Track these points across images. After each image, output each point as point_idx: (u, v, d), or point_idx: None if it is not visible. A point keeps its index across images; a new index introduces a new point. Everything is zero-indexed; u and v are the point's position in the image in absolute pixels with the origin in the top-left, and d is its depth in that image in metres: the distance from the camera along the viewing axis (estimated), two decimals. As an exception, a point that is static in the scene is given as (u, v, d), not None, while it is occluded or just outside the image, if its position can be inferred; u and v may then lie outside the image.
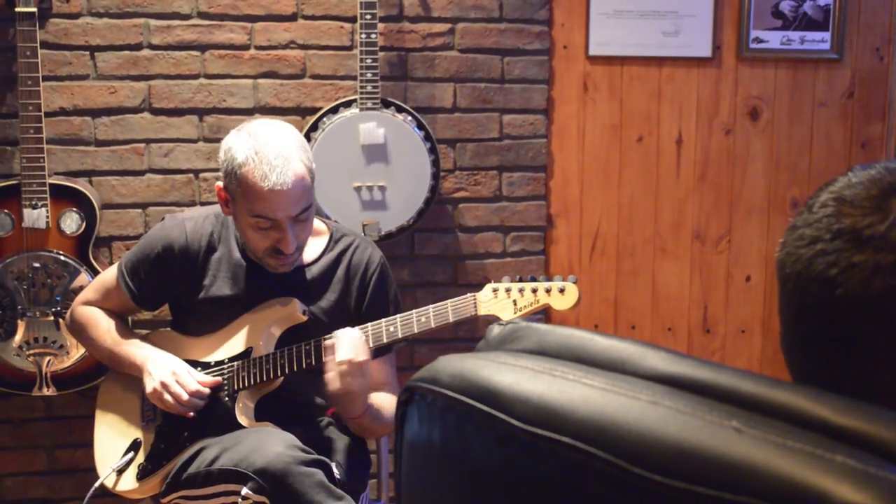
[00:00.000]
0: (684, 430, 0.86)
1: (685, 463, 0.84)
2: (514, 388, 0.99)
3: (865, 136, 3.97)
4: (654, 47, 3.81)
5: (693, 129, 3.88)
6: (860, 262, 1.03)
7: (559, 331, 1.08)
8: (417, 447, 1.11)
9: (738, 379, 0.92)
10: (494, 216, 3.78)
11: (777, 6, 3.82)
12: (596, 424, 0.91)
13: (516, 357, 1.05)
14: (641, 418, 0.89)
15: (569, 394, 0.95)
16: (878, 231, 1.03)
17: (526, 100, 3.76)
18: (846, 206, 1.07)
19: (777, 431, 0.84)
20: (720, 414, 0.87)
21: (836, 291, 1.04)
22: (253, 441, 2.47)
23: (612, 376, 0.97)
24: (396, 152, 3.45)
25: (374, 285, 2.78)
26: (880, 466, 0.79)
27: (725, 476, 0.82)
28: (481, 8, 3.69)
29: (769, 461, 0.81)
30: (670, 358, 0.98)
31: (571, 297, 2.58)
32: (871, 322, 1.04)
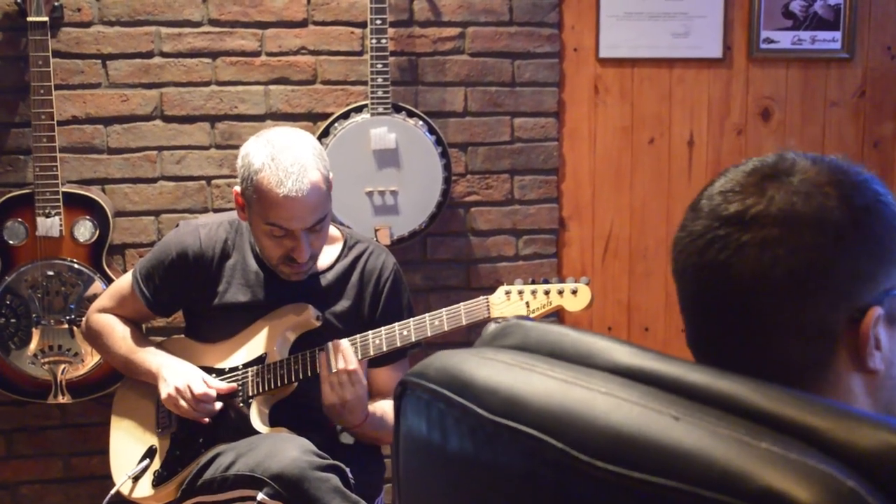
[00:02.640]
0: (628, 418, 0.91)
1: (625, 450, 0.89)
2: (487, 381, 1.04)
3: (878, 136, 3.96)
4: (664, 49, 3.81)
5: (704, 131, 3.88)
6: (748, 241, 1.08)
7: (540, 327, 1.13)
8: (410, 439, 1.16)
9: (686, 370, 0.97)
10: (506, 219, 3.78)
11: (787, 6, 3.82)
12: (551, 414, 0.96)
13: (498, 352, 1.10)
14: (591, 408, 0.94)
15: (533, 385, 1.01)
16: (760, 210, 1.09)
17: (537, 103, 3.76)
18: (730, 195, 1.12)
19: (711, 419, 0.88)
20: (663, 403, 0.92)
21: (731, 273, 1.09)
22: (268, 446, 2.47)
23: (577, 369, 1.02)
24: (408, 157, 3.45)
25: (387, 291, 2.78)
26: (803, 452, 0.83)
27: (660, 462, 0.86)
28: (491, 11, 3.69)
29: (699, 447, 0.85)
30: (632, 351, 1.02)
31: (584, 299, 2.58)
32: (766, 295, 1.08)
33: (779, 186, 1.10)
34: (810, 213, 1.08)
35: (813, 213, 1.09)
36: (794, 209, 1.08)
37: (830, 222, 1.08)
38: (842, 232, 1.08)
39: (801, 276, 1.07)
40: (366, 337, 2.63)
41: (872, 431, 0.86)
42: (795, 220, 1.08)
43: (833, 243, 1.08)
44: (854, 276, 1.10)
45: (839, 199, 1.10)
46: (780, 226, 1.08)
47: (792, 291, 1.08)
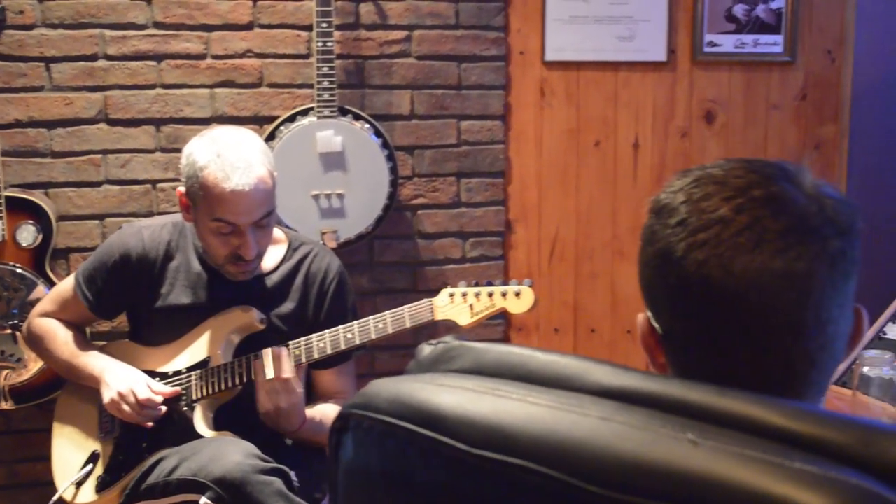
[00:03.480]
0: (640, 445, 0.86)
1: (643, 479, 0.84)
2: (458, 412, 0.98)
3: (819, 138, 4.01)
4: (609, 52, 3.84)
5: (649, 133, 3.91)
6: (801, 250, 1.05)
7: (497, 349, 1.07)
8: (354, 474, 1.10)
9: (685, 389, 0.93)
10: (453, 222, 3.80)
11: (730, 10, 3.86)
12: (547, 444, 0.90)
13: (454, 378, 1.04)
14: (594, 435, 0.89)
15: (515, 414, 0.94)
16: (803, 219, 1.07)
17: (483, 106, 3.78)
18: (769, 205, 1.08)
19: (733, 441, 0.85)
20: (674, 427, 0.88)
21: (794, 278, 1.05)
22: (211, 450, 2.47)
23: (557, 393, 0.96)
24: (354, 160, 3.45)
25: (332, 294, 2.79)
26: (838, 470, 0.81)
27: (685, 490, 0.82)
28: (438, 15, 3.70)
29: (729, 472, 0.82)
30: (614, 372, 0.98)
31: (527, 301, 2.60)
32: (815, 297, 1.06)
33: (813, 193, 1.09)
34: (851, 219, 1.09)
35: (852, 217, 1.09)
36: (844, 217, 1.09)
37: (855, 223, 1.10)
38: (860, 230, 1.10)
39: (848, 277, 1.07)
40: (309, 340, 2.63)
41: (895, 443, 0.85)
42: (845, 226, 1.08)
43: (857, 242, 1.10)
44: (854, 277, 1.10)
45: (848, 203, 1.11)
46: (840, 233, 1.07)
47: (844, 291, 1.07)
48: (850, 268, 1.08)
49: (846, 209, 1.10)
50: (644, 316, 1.15)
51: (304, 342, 2.63)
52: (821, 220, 1.07)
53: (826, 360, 1.08)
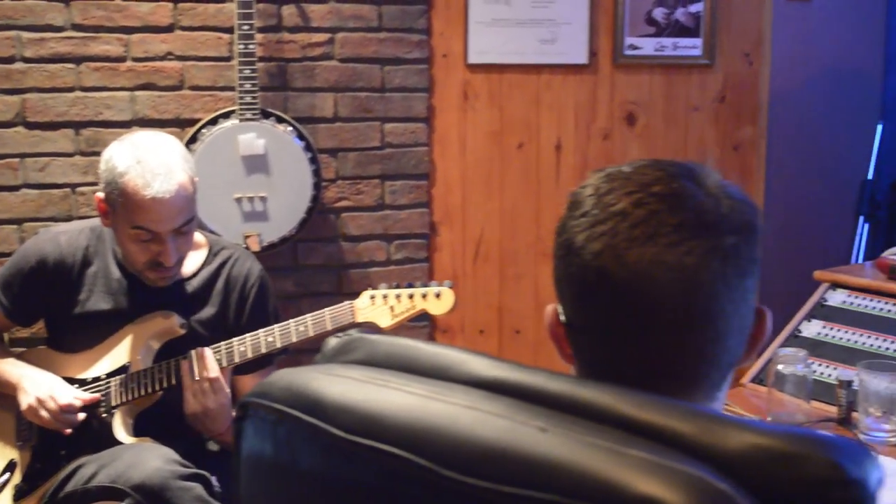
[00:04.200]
0: (494, 432, 0.90)
1: (494, 464, 0.88)
2: (339, 399, 1.01)
3: (738, 139, 4.07)
4: (531, 55, 3.86)
5: (572, 135, 3.94)
6: (709, 244, 1.08)
7: (387, 340, 1.11)
8: (253, 462, 1.12)
9: (547, 379, 0.96)
10: (378, 224, 3.80)
11: (650, 13, 3.91)
12: (412, 430, 0.94)
13: (345, 368, 1.08)
14: (455, 422, 0.92)
15: (390, 402, 0.98)
16: (719, 216, 1.10)
17: (407, 108, 3.79)
18: (678, 201, 1.10)
19: (580, 429, 0.89)
20: (528, 415, 0.91)
21: (699, 275, 1.07)
22: (130, 457, 2.44)
23: (434, 383, 1.00)
24: (277, 163, 3.44)
25: (253, 298, 2.77)
26: (674, 458, 0.84)
27: (531, 475, 0.86)
28: (360, 18, 3.70)
29: (570, 458, 0.85)
30: (490, 363, 1.01)
31: (447, 302, 2.61)
32: (725, 295, 1.09)
33: (713, 191, 1.12)
34: (748, 218, 1.11)
35: (750, 216, 1.12)
36: (741, 216, 1.11)
37: (753, 222, 1.12)
38: (760, 230, 1.13)
39: (744, 275, 1.10)
40: (230, 344, 2.62)
41: (737, 433, 0.88)
42: (742, 224, 1.10)
43: (755, 241, 1.12)
44: (758, 276, 1.13)
45: (748, 202, 1.14)
46: (736, 231, 1.09)
47: (739, 289, 1.09)
48: (745, 266, 1.10)
49: (744, 208, 1.12)
50: (552, 307, 1.18)
51: (224, 346, 2.62)
52: (716, 217, 1.09)
53: (718, 354, 1.10)
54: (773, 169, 4.22)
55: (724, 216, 1.09)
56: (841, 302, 2.79)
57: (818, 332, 2.73)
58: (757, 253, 1.13)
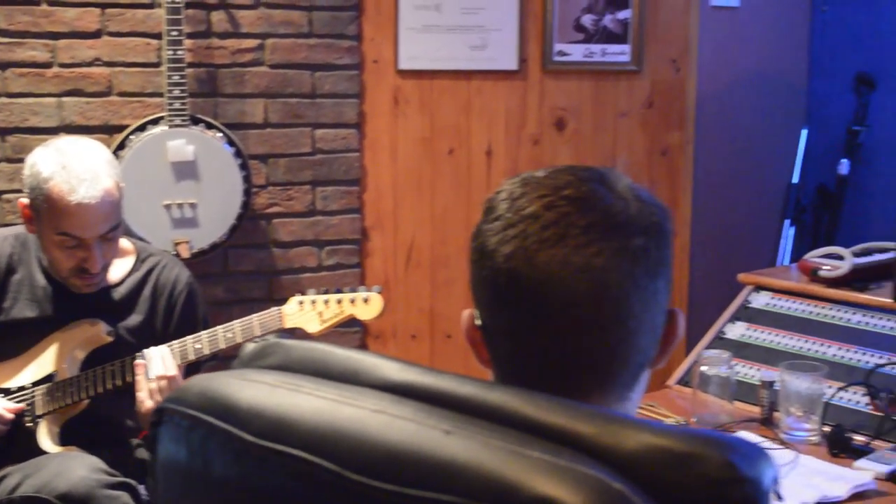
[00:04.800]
0: (400, 435, 0.91)
1: (399, 467, 0.89)
2: (251, 404, 1.01)
3: (665, 145, 4.13)
4: (462, 61, 3.89)
5: (502, 141, 3.97)
6: (618, 245, 1.10)
7: (302, 346, 1.11)
8: (169, 468, 1.12)
9: (455, 383, 0.97)
10: (309, 230, 3.80)
11: (579, 20, 3.95)
12: (321, 434, 0.94)
13: (259, 373, 1.07)
14: (362, 426, 0.93)
15: (300, 406, 0.99)
16: (626, 217, 1.11)
17: (338, 114, 3.79)
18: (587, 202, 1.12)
19: (484, 431, 0.90)
20: (435, 418, 0.92)
21: (606, 275, 1.09)
22: (56, 466, 2.42)
23: (345, 387, 1.01)
24: (206, 169, 3.43)
25: (181, 305, 2.76)
26: (572, 459, 0.86)
27: (434, 477, 0.87)
28: (290, 23, 3.70)
29: (473, 459, 0.87)
30: (400, 367, 1.02)
31: (376, 307, 2.62)
32: (635, 295, 1.11)
33: (623, 194, 1.13)
34: (657, 220, 1.14)
35: (659, 218, 1.14)
36: (650, 217, 1.13)
37: (662, 224, 1.14)
38: (669, 232, 1.15)
39: (654, 276, 1.11)
40: (161, 351, 2.60)
41: (635, 434, 0.90)
42: (651, 225, 1.12)
43: (665, 243, 1.14)
44: (670, 278, 1.15)
45: (657, 204, 1.16)
46: (644, 232, 1.11)
47: (649, 289, 1.11)
48: (655, 267, 1.12)
49: (653, 211, 1.14)
50: (469, 312, 1.19)
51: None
52: (624, 219, 1.11)
53: (628, 355, 1.12)
54: (700, 173, 4.28)
55: (633, 218, 1.11)
56: (764, 304, 2.83)
57: (742, 334, 2.78)
58: (668, 255, 1.15)
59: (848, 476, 2.13)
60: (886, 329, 2.58)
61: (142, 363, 2.56)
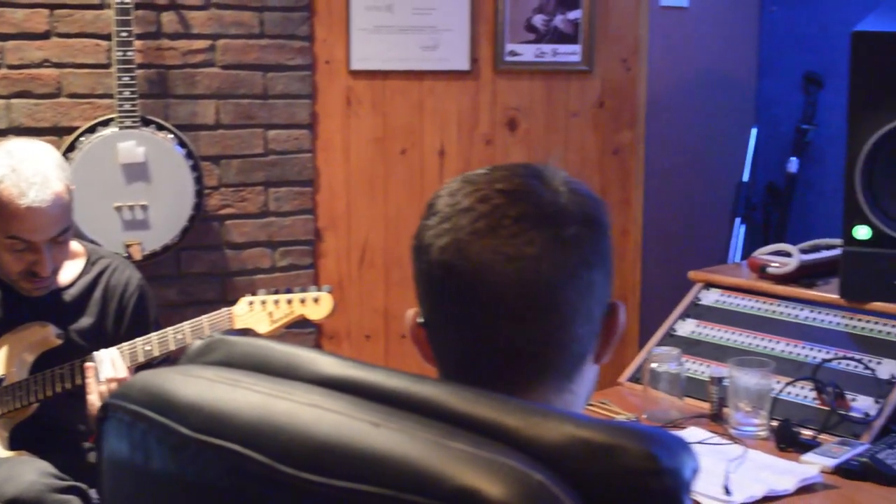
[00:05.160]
0: (329, 427, 0.92)
1: (328, 459, 0.90)
2: (190, 399, 1.02)
3: (617, 144, 4.16)
4: (414, 61, 3.89)
5: (455, 141, 3.98)
6: (551, 235, 1.12)
7: (245, 342, 1.12)
8: (113, 464, 1.13)
9: (386, 377, 0.99)
10: (262, 232, 3.79)
11: (530, 20, 3.96)
12: (254, 428, 0.96)
13: (201, 369, 1.09)
14: (294, 419, 0.95)
15: (237, 401, 1.00)
16: (559, 207, 1.14)
17: (290, 115, 3.79)
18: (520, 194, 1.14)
19: (411, 424, 0.91)
20: (365, 411, 0.94)
21: (540, 266, 1.11)
22: (5, 470, 2.40)
23: (282, 382, 1.02)
24: (158, 171, 3.41)
25: (133, 307, 2.75)
26: (494, 450, 0.88)
27: (361, 469, 0.88)
28: (242, 24, 3.69)
29: (399, 451, 0.88)
30: (336, 362, 1.04)
31: (326, 307, 2.62)
32: (571, 286, 1.13)
33: (556, 187, 1.16)
34: (591, 210, 1.16)
35: (592, 209, 1.16)
36: (582, 208, 1.15)
37: (597, 215, 1.16)
38: (605, 224, 1.17)
39: (589, 266, 1.13)
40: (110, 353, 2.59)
41: (558, 426, 0.91)
42: (584, 216, 1.14)
43: (601, 235, 1.16)
44: (609, 271, 1.17)
45: (592, 197, 1.18)
46: (577, 222, 1.13)
47: (584, 279, 1.13)
48: (591, 257, 1.14)
49: (587, 202, 1.17)
50: (412, 311, 1.20)
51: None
52: (556, 209, 1.13)
53: (565, 342, 1.14)
54: (651, 172, 4.31)
55: (565, 208, 1.14)
56: (714, 301, 2.87)
57: (692, 331, 2.81)
58: (605, 247, 1.17)
59: (795, 470, 2.16)
60: (833, 325, 2.62)
61: (92, 366, 2.55)
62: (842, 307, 2.64)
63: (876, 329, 2.55)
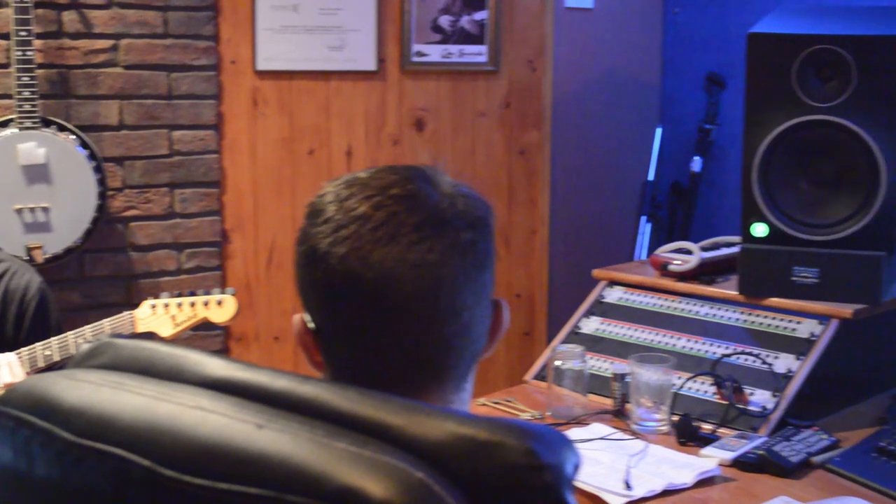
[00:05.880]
0: (212, 430, 0.92)
1: (211, 461, 0.90)
2: (73, 403, 1.01)
3: (523, 144, 4.19)
4: (320, 62, 3.89)
5: (362, 141, 3.98)
6: (449, 239, 1.13)
7: (132, 345, 1.11)
8: None
9: (271, 378, 0.99)
10: (167, 233, 3.75)
11: (436, 21, 3.98)
12: (137, 431, 0.95)
13: (87, 372, 1.07)
14: (178, 422, 0.94)
15: (120, 404, 0.99)
16: (453, 212, 1.15)
17: (195, 115, 3.75)
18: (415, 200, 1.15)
19: (295, 425, 0.91)
20: (249, 412, 0.94)
21: (438, 270, 1.12)
22: None
23: (167, 384, 1.01)
24: (59, 172, 3.36)
25: (32, 312, 2.70)
26: (377, 449, 0.88)
27: (245, 470, 0.88)
28: (145, 24, 3.65)
29: (282, 452, 0.88)
30: (222, 364, 1.03)
31: (230, 309, 2.61)
32: (467, 288, 1.15)
33: (447, 191, 1.17)
34: (481, 214, 1.17)
35: (482, 212, 1.18)
36: (474, 212, 1.16)
37: (486, 218, 1.18)
38: (492, 225, 1.19)
39: (482, 268, 1.15)
40: (8, 358, 2.55)
41: (440, 423, 0.92)
42: (475, 219, 1.16)
43: (489, 236, 1.18)
44: (493, 271, 1.19)
45: (480, 199, 1.19)
46: (471, 226, 1.15)
47: (478, 282, 1.15)
48: (483, 259, 1.16)
49: (478, 205, 1.19)
50: (299, 316, 1.20)
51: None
52: (452, 215, 1.14)
53: (464, 346, 1.16)
54: (558, 172, 4.36)
55: (460, 213, 1.15)
56: (617, 298, 2.90)
57: (596, 329, 2.84)
58: (492, 247, 1.19)
59: (694, 464, 2.20)
60: (732, 321, 2.67)
61: None
62: (740, 303, 2.69)
63: (773, 324, 2.60)
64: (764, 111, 2.59)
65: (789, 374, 2.46)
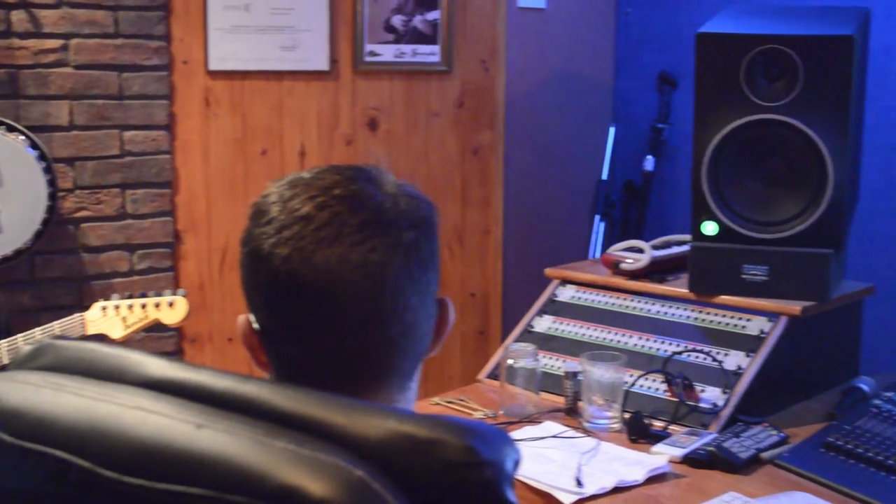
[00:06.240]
0: (152, 430, 0.92)
1: (150, 461, 0.90)
2: (13, 405, 1.01)
3: (477, 144, 4.20)
4: (273, 62, 3.87)
5: (315, 141, 3.97)
6: (394, 239, 1.14)
7: (74, 346, 1.11)
8: None
9: (214, 378, 0.99)
10: (119, 234, 3.72)
11: (389, 21, 3.98)
12: (76, 432, 0.95)
13: (27, 374, 1.07)
14: (116, 422, 0.94)
15: (61, 405, 0.99)
16: (397, 213, 1.16)
17: (147, 116, 3.73)
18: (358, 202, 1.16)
19: (235, 424, 0.92)
20: (190, 412, 0.94)
21: (385, 270, 1.13)
22: None
23: (108, 385, 1.01)
24: (8, 173, 3.33)
25: (-20, 313, 2.68)
26: (317, 448, 0.89)
27: (183, 470, 0.89)
28: (95, 23, 3.62)
29: (222, 452, 0.89)
30: (163, 364, 1.03)
31: (181, 311, 2.60)
32: (411, 288, 1.15)
33: (391, 191, 1.17)
34: (424, 213, 1.18)
35: (426, 212, 1.18)
36: (418, 212, 1.17)
37: (429, 217, 1.18)
38: (436, 225, 1.19)
39: (426, 268, 1.16)
40: (-44, 362, 2.53)
41: (380, 421, 0.92)
42: (419, 219, 1.16)
43: (433, 236, 1.18)
44: (438, 269, 1.20)
45: (424, 199, 1.20)
46: (414, 226, 1.15)
47: (422, 281, 1.15)
48: (426, 259, 1.17)
49: (421, 205, 1.19)
50: (245, 317, 1.20)
51: (-51, 365, 2.52)
52: (395, 215, 1.15)
53: (408, 346, 1.17)
54: (511, 172, 4.37)
55: (403, 213, 1.16)
56: (570, 297, 2.92)
57: (549, 327, 2.85)
58: (436, 247, 1.20)
59: (645, 461, 2.22)
60: (683, 318, 2.69)
61: None
62: (691, 301, 2.71)
63: (723, 322, 2.62)
64: (713, 110, 2.62)
65: (739, 371, 2.49)
